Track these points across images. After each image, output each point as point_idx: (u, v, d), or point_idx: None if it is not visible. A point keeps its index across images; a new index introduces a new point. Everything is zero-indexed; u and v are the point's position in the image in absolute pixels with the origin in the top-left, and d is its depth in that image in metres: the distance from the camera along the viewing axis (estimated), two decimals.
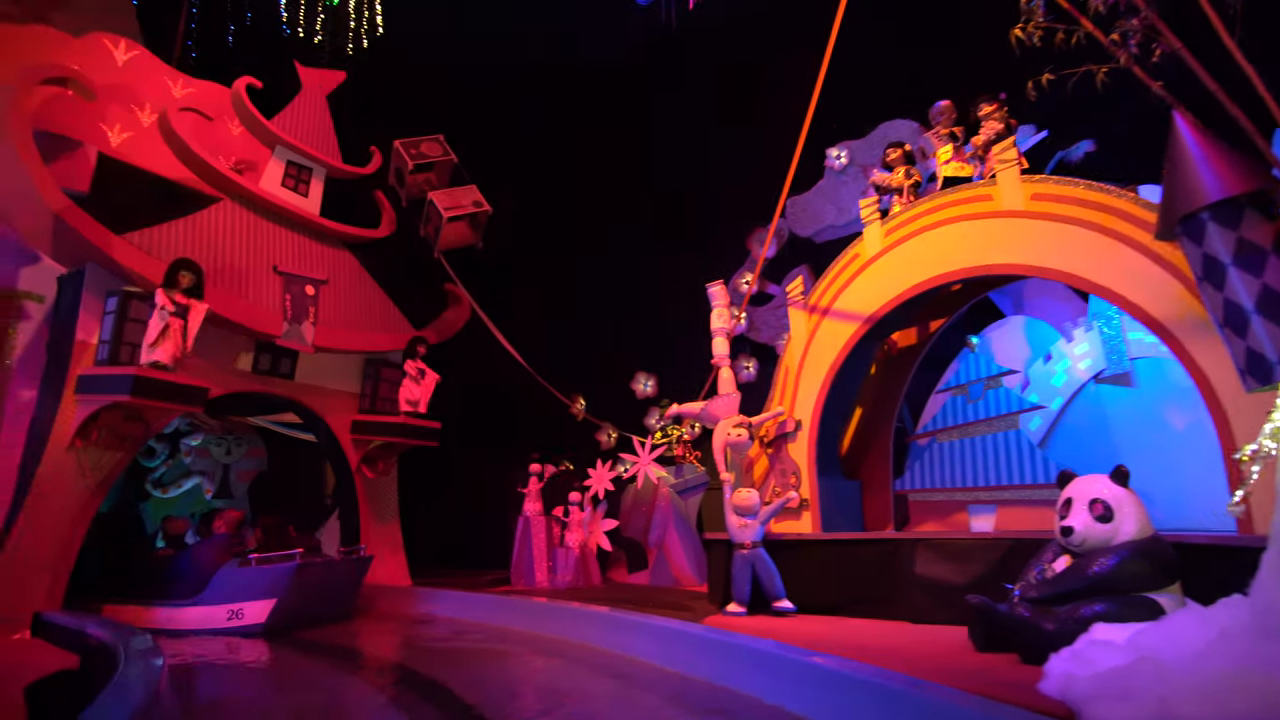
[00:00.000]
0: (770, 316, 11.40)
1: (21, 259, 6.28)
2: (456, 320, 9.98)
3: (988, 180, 5.92)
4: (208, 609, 6.39)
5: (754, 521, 6.36)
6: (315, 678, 4.63)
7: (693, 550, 9.78)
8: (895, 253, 6.51)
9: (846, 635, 5.22)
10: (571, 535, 9.50)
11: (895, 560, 5.86)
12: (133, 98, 7.49)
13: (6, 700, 3.85)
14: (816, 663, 4.02)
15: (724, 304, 7.30)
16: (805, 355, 7.03)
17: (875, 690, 3.56)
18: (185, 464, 11.31)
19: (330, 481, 10.39)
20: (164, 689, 3.84)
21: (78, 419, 5.93)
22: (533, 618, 6.47)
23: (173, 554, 7.31)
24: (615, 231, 12.69)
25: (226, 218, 7.28)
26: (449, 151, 8.97)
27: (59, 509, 5.87)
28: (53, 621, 5.50)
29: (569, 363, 11.89)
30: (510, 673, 4.67)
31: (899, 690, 3.44)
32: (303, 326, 7.67)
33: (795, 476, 6.82)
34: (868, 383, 7.49)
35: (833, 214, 10.63)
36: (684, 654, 4.99)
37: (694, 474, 10.54)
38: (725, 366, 7.10)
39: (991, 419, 6.55)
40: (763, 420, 6.97)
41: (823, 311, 6.97)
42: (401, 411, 8.50)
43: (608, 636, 5.67)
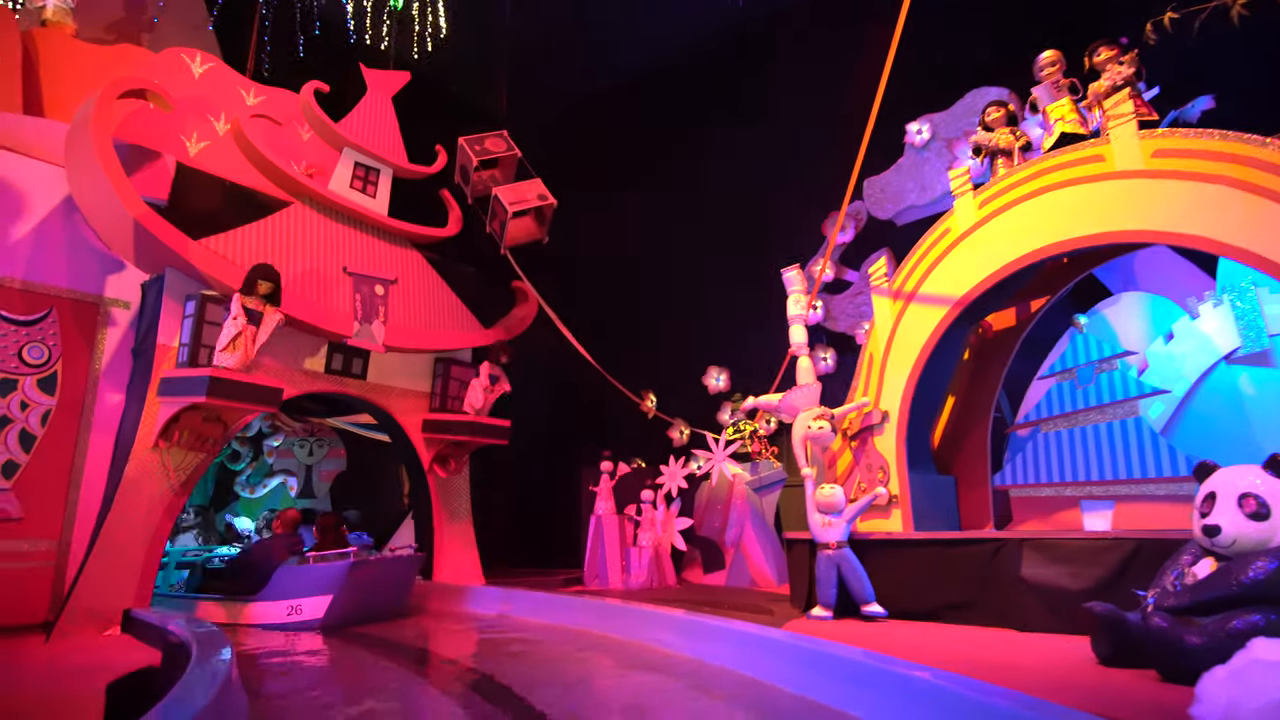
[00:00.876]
0: (848, 304, 10.84)
1: (107, 267, 6.50)
2: (525, 317, 9.90)
3: (1099, 138, 5.30)
4: (269, 604, 6.60)
5: (839, 520, 5.93)
6: (385, 677, 4.54)
7: (771, 550, 9.37)
8: (991, 226, 5.95)
9: (945, 644, 4.75)
10: (645, 534, 9.25)
11: (998, 562, 5.33)
12: (209, 108, 7.69)
13: (89, 695, 3.88)
14: (914, 675, 3.60)
15: (800, 290, 6.88)
16: (891, 342, 6.52)
17: (986, 710, 3.09)
18: (269, 464, 11.72)
19: (407, 481, 10.51)
20: (233, 687, 3.80)
21: (160, 420, 6.08)
22: (606, 619, 6.24)
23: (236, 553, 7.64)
24: (683, 221, 12.38)
25: (297, 221, 7.38)
26: (513, 146, 8.87)
27: (146, 508, 6.02)
28: (140, 618, 5.63)
29: (638, 359, 11.66)
30: (583, 678, 4.44)
31: (1015, 711, 2.97)
32: (373, 326, 7.70)
33: (883, 472, 6.33)
34: (961, 370, 6.91)
35: (914, 193, 9.99)
36: (764, 661, 4.64)
37: (771, 470, 10.11)
38: (804, 355, 6.68)
39: (1105, 406, 5.90)
40: (846, 412, 6.52)
41: (909, 295, 6.45)
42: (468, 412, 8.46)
43: (684, 641, 5.37)
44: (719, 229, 12.11)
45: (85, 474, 6.10)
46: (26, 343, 5.95)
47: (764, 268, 12.08)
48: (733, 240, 12.06)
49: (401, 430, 8.43)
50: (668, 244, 12.48)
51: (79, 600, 5.60)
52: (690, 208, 12.34)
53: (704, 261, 12.00)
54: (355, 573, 6.40)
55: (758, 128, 12.10)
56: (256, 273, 6.13)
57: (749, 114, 12.30)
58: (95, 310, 6.39)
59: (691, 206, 12.34)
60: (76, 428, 6.12)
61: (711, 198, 12.22)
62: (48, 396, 6.00)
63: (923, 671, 3.61)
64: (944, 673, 3.55)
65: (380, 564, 6.82)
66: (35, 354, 5.99)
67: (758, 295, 11.87)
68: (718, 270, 11.88)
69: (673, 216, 12.50)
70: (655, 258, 12.59)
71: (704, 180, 12.39)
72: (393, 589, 7.16)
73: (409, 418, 8.44)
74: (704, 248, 12.06)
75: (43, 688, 4.18)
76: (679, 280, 12.27)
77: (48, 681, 4.32)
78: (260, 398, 6.15)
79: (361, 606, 6.68)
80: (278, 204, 7.42)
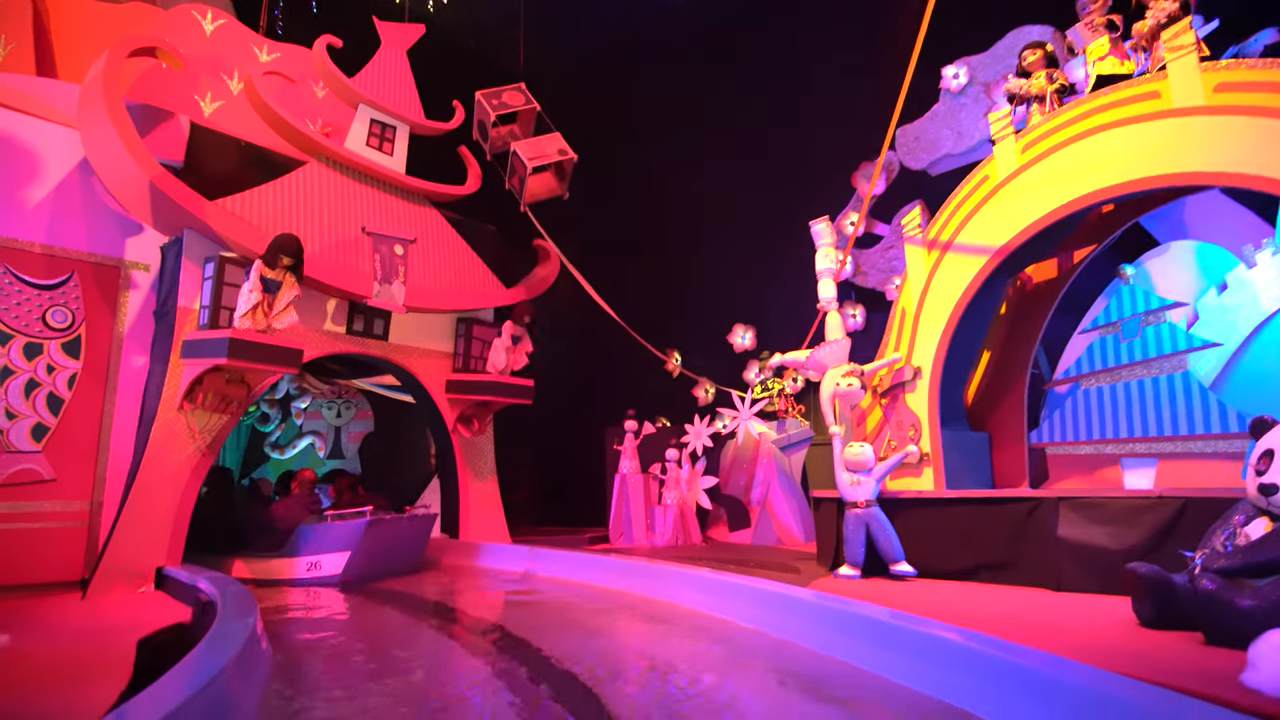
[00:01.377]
0: (878, 259, 10.51)
1: (126, 229, 6.47)
2: (547, 276, 9.75)
3: (1154, 74, 4.92)
4: (289, 560, 6.79)
5: (868, 478, 5.79)
6: (410, 634, 4.56)
7: (798, 508, 9.29)
8: (1033, 171, 5.62)
9: (977, 604, 4.63)
10: (670, 493, 9.21)
11: (1034, 521, 5.18)
12: (222, 66, 7.56)
13: (120, 651, 3.94)
14: (944, 635, 3.48)
15: (830, 242, 6.63)
16: (924, 295, 6.27)
17: (1020, 672, 2.93)
18: (298, 426, 11.86)
19: (434, 442, 10.56)
20: (257, 644, 3.83)
21: (184, 383, 6.10)
22: (631, 578, 6.22)
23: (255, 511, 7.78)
24: (708, 174, 12.04)
25: (314, 180, 7.26)
26: (531, 100, 8.62)
27: (174, 469, 6.09)
28: (172, 576, 5.73)
29: (663, 316, 11.50)
30: (607, 636, 4.41)
31: (1051, 673, 2.81)
32: (393, 287, 7.62)
33: (914, 429, 6.15)
34: (997, 324, 6.65)
35: (950, 140, 9.55)
36: (791, 620, 4.56)
37: (797, 429, 9.97)
38: (833, 311, 6.47)
39: (1150, 360, 5.62)
40: (876, 368, 6.32)
41: (944, 245, 6.17)
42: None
43: (708, 599, 5.31)
44: (745, 183, 11.76)
45: (113, 436, 6.17)
46: (50, 306, 5.97)
47: (792, 222, 11.75)
48: (759, 194, 11.71)
49: (425, 391, 8.41)
50: (693, 199, 12.17)
51: (112, 559, 5.70)
52: (716, 161, 11.98)
53: (730, 216, 11.70)
54: (372, 530, 6.58)
55: (783, 77, 11.63)
56: (278, 245, 5.98)
57: (774, 62, 11.82)
58: (116, 273, 6.38)
59: (717, 160, 11.98)
60: (103, 391, 6.17)
61: (737, 151, 11.84)
62: (73, 360, 6.04)
63: (953, 632, 3.48)
64: (975, 633, 3.42)
65: (396, 522, 7.00)
66: (59, 318, 6.01)
67: (785, 251, 11.58)
68: (744, 225, 11.59)
69: (698, 170, 12.16)
70: (680, 213, 12.31)
71: (729, 133, 12.00)
72: (408, 546, 7.34)
73: (432, 378, 8.41)
74: (730, 202, 11.74)
75: (77, 644, 4.25)
76: (704, 236, 12.00)
77: (81, 638, 4.40)
78: (281, 359, 6.12)
79: (378, 563, 6.88)
80: (294, 164, 7.30)
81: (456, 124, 8.66)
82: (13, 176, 5.98)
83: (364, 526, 6.52)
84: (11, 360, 5.75)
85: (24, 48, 6.88)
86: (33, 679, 3.52)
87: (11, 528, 5.60)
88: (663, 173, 12.51)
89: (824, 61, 10.98)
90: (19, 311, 5.82)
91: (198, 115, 7.17)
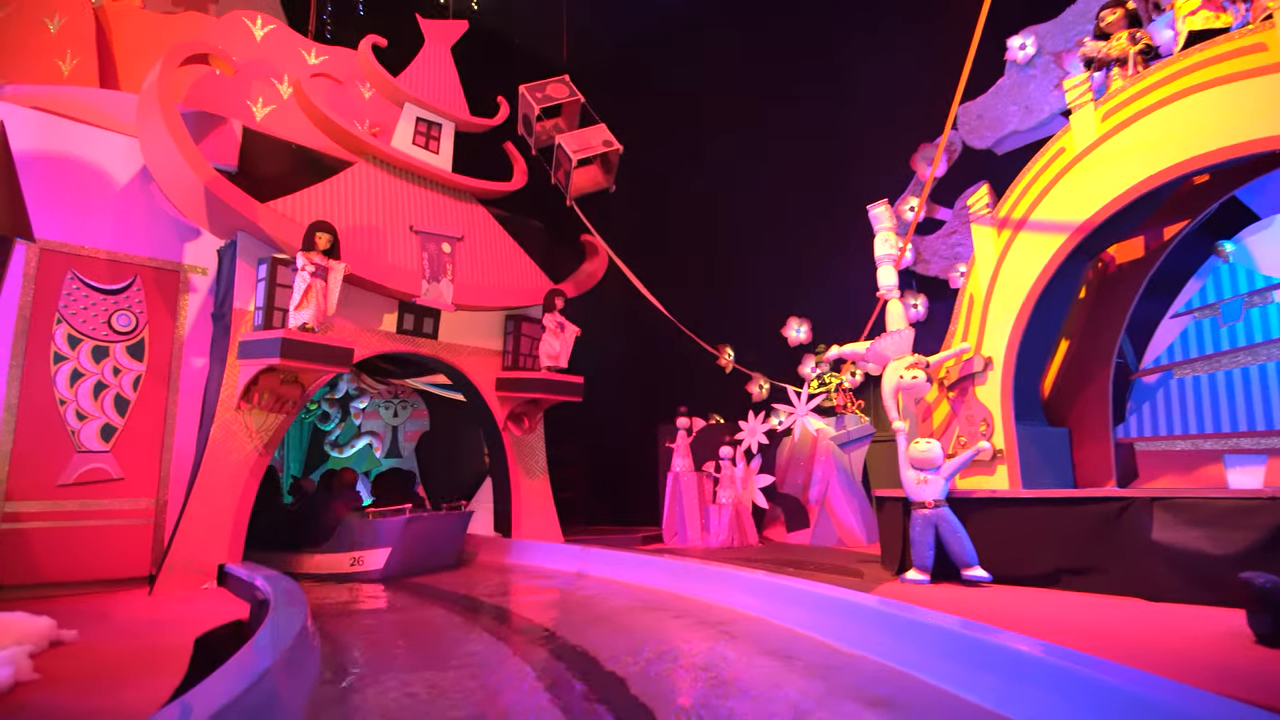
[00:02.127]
0: (940, 245, 10.00)
1: (184, 234, 6.61)
2: (595, 271, 9.62)
3: (1258, 25, 4.43)
4: (333, 556, 7.01)
5: (936, 477, 5.44)
6: (460, 634, 4.47)
7: (859, 508, 8.92)
8: (1116, 141, 5.15)
9: (1060, 613, 4.25)
10: (724, 492, 8.96)
11: (1123, 524, 4.75)
12: (272, 71, 7.66)
13: (179, 647, 3.96)
14: (1024, 649, 3.15)
15: (889, 227, 6.26)
16: (995, 279, 5.85)
17: (1113, 694, 2.57)
18: (356, 426, 12.08)
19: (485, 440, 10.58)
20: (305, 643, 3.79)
21: (241, 383, 6.19)
22: (685, 580, 6.01)
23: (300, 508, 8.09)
24: (759, 162, 11.69)
25: (361, 180, 7.29)
26: (575, 92, 8.48)
27: (233, 468, 6.19)
28: (233, 573, 5.82)
29: (714, 311, 11.23)
30: (661, 643, 4.22)
31: (1150, 696, 2.44)
32: (441, 285, 7.60)
33: (985, 424, 5.75)
34: (1077, 309, 6.17)
35: (1017, 117, 9.00)
36: (854, 629, 4.28)
37: (857, 425, 9.56)
38: (894, 299, 6.11)
39: (1256, 346, 5.10)
40: (942, 359, 5.94)
41: (1017, 225, 5.74)
42: (543, 368, 8.29)
43: (766, 604, 5.06)
44: (798, 170, 11.37)
45: (176, 435, 6.31)
46: (115, 310, 6.14)
47: (847, 209, 11.31)
48: (813, 182, 11.31)
49: (475, 389, 8.39)
50: (743, 188, 11.84)
51: (176, 556, 5.83)
52: (766, 147, 11.62)
53: (783, 205, 11.33)
54: (411, 527, 6.78)
55: (834, 57, 11.20)
56: (314, 228, 6.09)
57: (824, 42, 11.38)
58: (176, 277, 6.52)
59: (767, 146, 11.62)
60: (165, 391, 6.31)
61: (789, 136, 11.46)
62: (137, 362, 6.20)
63: (1033, 645, 3.16)
64: (1059, 648, 3.09)
65: (433, 519, 7.22)
66: (123, 321, 6.17)
67: (841, 240, 11.16)
68: (797, 214, 11.21)
69: (747, 157, 11.83)
70: (730, 203, 11.99)
71: (779, 117, 11.62)
72: (445, 542, 7.51)
73: (482, 376, 8.38)
74: (782, 191, 11.37)
75: (139, 639, 4.31)
76: (756, 226, 11.66)
77: (144, 633, 4.46)
78: (332, 358, 6.15)
79: (416, 559, 7.06)
80: (343, 165, 7.36)
81: (501, 120, 8.60)
82: (79, 186, 6.17)
83: (404, 523, 6.71)
84: (81, 363, 5.93)
85: (88, 61, 7.11)
86: (92, 675, 3.56)
87: (84, 525, 5.78)
88: (712, 162, 12.22)
89: (877, 37, 10.51)
90: (86, 316, 6.00)
91: (250, 120, 7.29)
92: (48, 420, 5.72)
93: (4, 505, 5.47)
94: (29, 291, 5.76)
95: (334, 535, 7.04)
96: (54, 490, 5.68)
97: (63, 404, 5.80)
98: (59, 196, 6.04)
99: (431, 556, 7.31)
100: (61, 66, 7.04)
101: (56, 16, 7.28)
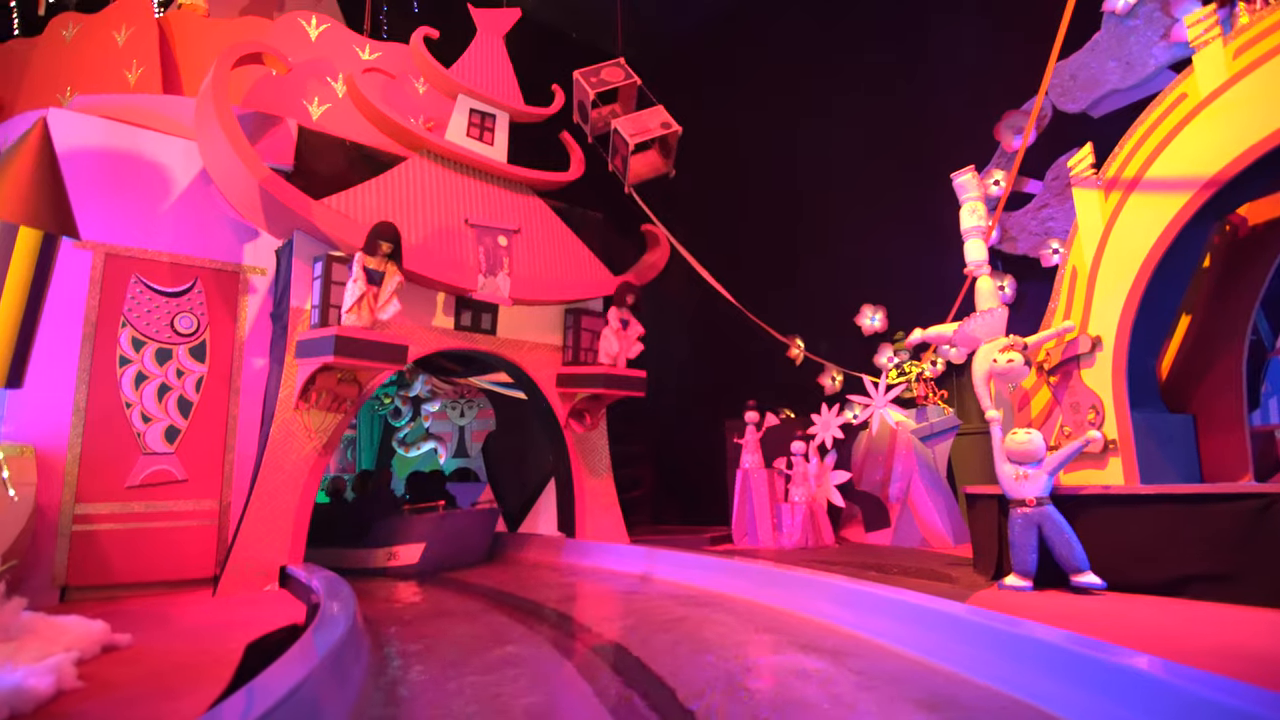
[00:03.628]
0: (1029, 221, 9.20)
1: (243, 235, 6.63)
2: (657, 262, 9.27)
3: None
4: (371, 551, 7.33)
5: (1038, 471, 4.85)
6: (525, 654, 4.21)
7: (944, 505, 8.27)
8: (1249, 82, 4.45)
9: (1191, 628, 3.66)
10: (797, 490, 8.47)
11: (1266, 524, 4.09)
12: (327, 70, 7.64)
13: (226, 655, 3.83)
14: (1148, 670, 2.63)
15: (976, 196, 5.67)
16: (1102, 249, 5.19)
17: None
18: (425, 427, 12.13)
19: None
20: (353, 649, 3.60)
21: (299, 383, 6.13)
22: (757, 584, 5.59)
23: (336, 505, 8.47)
24: (826, 141, 11.07)
25: (415, 174, 7.16)
26: (631, 74, 8.15)
27: (292, 468, 6.14)
28: (294, 575, 5.75)
29: (782, 299, 10.71)
30: (735, 658, 3.84)
31: None
32: (498, 279, 7.40)
33: (1094, 411, 5.10)
34: (1201, 279, 5.44)
35: (1116, 74, 8.13)
36: (947, 643, 3.79)
37: (940, 417, 8.90)
38: (984, 275, 5.51)
39: None
40: (1042, 340, 5.32)
41: (1128, 185, 5.07)
42: (602, 364, 8.00)
43: (846, 613, 4.59)
44: (869, 148, 10.72)
45: (238, 437, 6.31)
46: (177, 313, 6.18)
47: (923, 189, 10.62)
48: (885, 160, 10.64)
49: (535, 386, 8.17)
50: (811, 170, 11.25)
51: (238, 558, 5.80)
52: (834, 124, 10.99)
53: (853, 187, 10.70)
54: (444, 523, 7.29)
55: (907, 21, 10.49)
56: (376, 232, 5.95)
57: (896, 5, 10.68)
58: (236, 279, 6.53)
59: (836, 124, 10.99)
60: (227, 393, 6.33)
61: (859, 112, 10.81)
62: (199, 364, 6.23)
63: (1159, 666, 2.64)
64: (1192, 670, 2.56)
65: (465, 515, 7.76)
66: (186, 324, 6.21)
67: (916, 221, 10.48)
68: (869, 196, 10.56)
69: (815, 138, 11.22)
70: (798, 187, 11.41)
71: (848, 89, 10.97)
72: (475, 538, 7.91)
73: (542, 372, 8.15)
74: (853, 171, 10.73)
75: (192, 643, 4.22)
76: (825, 210, 11.05)
77: (198, 637, 4.38)
78: (387, 356, 6.01)
79: (449, 553, 7.44)
80: (398, 160, 7.25)
81: (556, 108, 8.35)
82: (141, 190, 6.24)
83: (437, 520, 7.17)
84: (145, 366, 5.99)
85: (152, 70, 7.25)
86: (136, 683, 3.44)
87: (149, 526, 5.82)
88: (778, 143, 11.66)
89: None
90: (150, 319, 6.05)
91: (306, 120, 7.27)
92: (115, 423, 5.78)
93: (75, 507, 5.55)
94: (95, 295, 5.84)
95: (371, 532, 7.32)
96: (122, 492, 5.74)
97: (128, 406, 5.86)
98: (122, 201, 6.11)
99: (463, 552, 7.66)
100: (128, 76, 7.20)
101: (124, 28, 7.45)
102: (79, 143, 5.99)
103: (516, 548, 8.65)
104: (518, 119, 8.04)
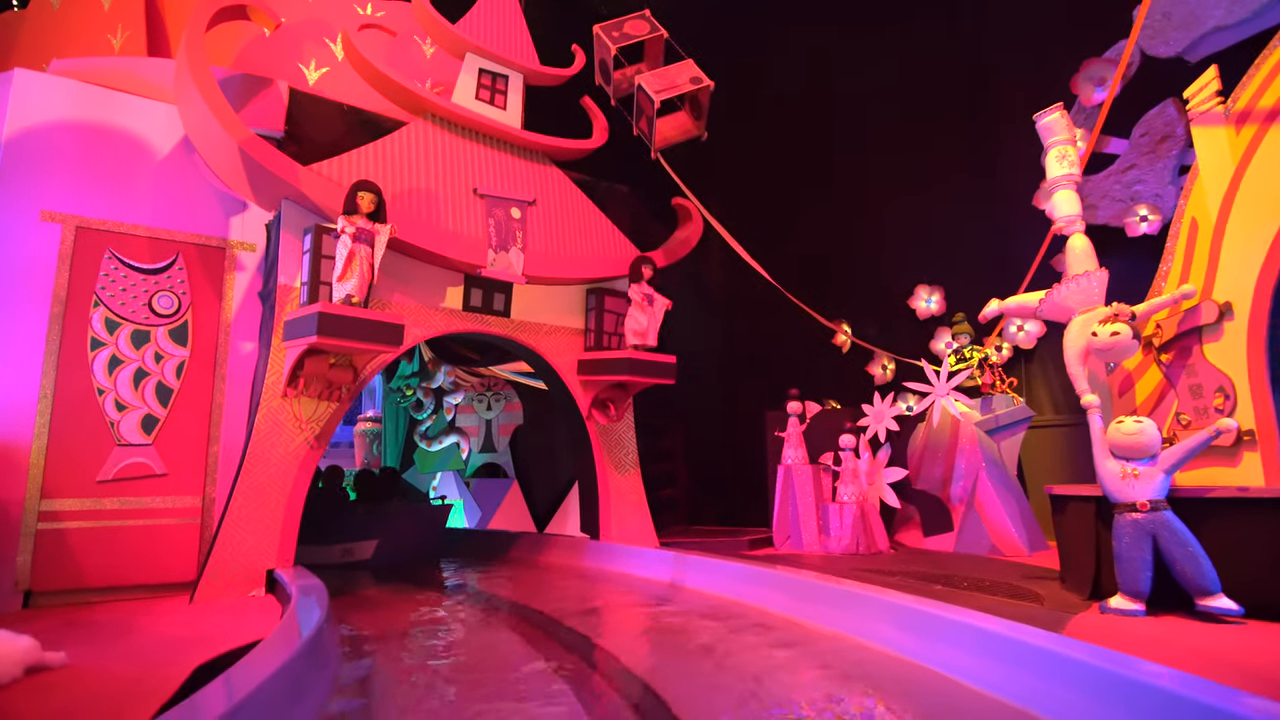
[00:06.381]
0: (1112, 185, 8.10)
1: (230, 208, 6.07)
2: (689, 238, 8.45)
3: None
4: (326, 548, 7.53)
5: (1151, 469, 3.93)
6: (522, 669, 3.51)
7: (1016, 507, 7.30)
8: None
9: None
10: (846, 488, 7.59)
11: None
12: (325, 31, 7.06)
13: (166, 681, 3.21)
14: None
15: (1065, 139, 4.72)
16: (1232, 195, 4.21)
17: None
18: (447, 420, 11.55)
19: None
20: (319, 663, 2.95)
21: (287, 367, 5.53)
22: (802, 599, 4.77)
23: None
24: (876, 105, 10.06)
25: (418, 139, 6.49)
26: (657, 26, 7.35)
27: (280, 462, 5.54)
28: (280, 579, 5.16)
29: (828, 280, 9.80)
30: (774, 697, 3.06)
31: None
32: (510, 254, 6.70)
33: (1223, 395, 4.14)
34: None
35: (1220, 9, 6.98)
36: (1036, 681, 2.96)
37: (1009, 407, 7.91)
38: (1076, 233, 4.57)
39: None
40: (1154, 308, 4.36)
41: (1267, 117, 4.08)
42: (629, 345, 7.22)
43: (910, 639, 3.76)
44: (923, 111, 9.71)
45: (223, 427, 5.76)
46: (155, 292, 5.64)
47: (983, 157, 9.56)
48: (941, 124, 9.62)
49: (555, 373, 7.46)
50: (859, 138, 10.26)
51: (218, 560, 5.22)
52: (885, 88, 9.98)
53: (906, 156, 9.69)
54: (394, 521, 7.86)
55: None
56: (356, 188, 5.32)
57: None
58: (221, 255, 5.97)
59: (887, 87, 9.98)
60: (212, 379, 5.77)
61: (912, 72, 9.79)
62: (180, 347, 5.68)
63: None
64: None
65: (415, 512, 8.36)
66: (165, 303, 5.67)
67: (978, 192, 9.46)
68: (922, 165, 9.55)
69: (863, 102, 10.22)
70: (844, 157, 10.42)
71: (900, 45, 9.95)
72: (426, 533, 8.29)
73: (562, 358, 7.44)
74: (905, 139, 9.73)
75: (135, 663, 3.61)
76: (874, 182, 10.05)
77: (147, 655, 3.78)
78: (379, 336, 5.35)
79: (400, 548, 7.82)
80: (401, 125, 6.59)
81: (576, 69, 7.60)
82: (118, 159, 5.71)
83: (388, 516, 7.73)
84: (120, 349, 5.45)
85: (137, 33, 6.76)
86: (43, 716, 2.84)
87: (124, 525, 5.29)
88: (822, 109, 10.66)
89: None
90: (125, 298, 5.52)
91: (302, 83, 6.69)
92: (85, 411, 5.25)
93: (41, 504, 5.03)
94: (64, 272, 5.31)
95: (326, 528, 7.46)
96: (93, 487, 5.21)
97: (101, 393, 5.33)
98: (95, 170, 5.58)
99: (414, 547, 8.01)
100: (113, 41, 6.72)
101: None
102: (47, 107, 5.48)
103: (536, 550, 7.97)
104: (533, 81, 7.32)
